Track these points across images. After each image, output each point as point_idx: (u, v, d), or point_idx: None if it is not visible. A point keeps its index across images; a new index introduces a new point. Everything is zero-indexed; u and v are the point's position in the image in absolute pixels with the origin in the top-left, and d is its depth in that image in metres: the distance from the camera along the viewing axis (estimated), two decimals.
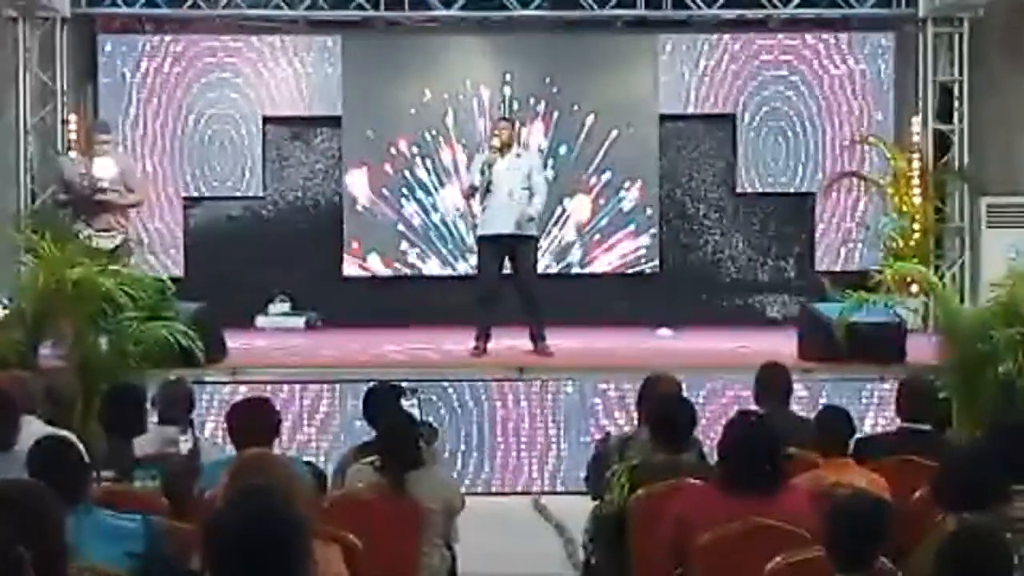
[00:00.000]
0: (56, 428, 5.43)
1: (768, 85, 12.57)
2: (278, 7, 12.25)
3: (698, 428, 5.75)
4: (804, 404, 7.91)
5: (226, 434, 5.71)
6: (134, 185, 10.25)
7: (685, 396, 6.28)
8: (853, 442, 5.76)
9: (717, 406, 8.54)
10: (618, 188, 12.65)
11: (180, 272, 11.95)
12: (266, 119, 12.63)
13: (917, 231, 11.89)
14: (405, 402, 6.52)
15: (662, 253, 12.74)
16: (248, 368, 9.35)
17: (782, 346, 9.58)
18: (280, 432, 5.64)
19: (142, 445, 5.72)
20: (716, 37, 12.56)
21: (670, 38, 12.61)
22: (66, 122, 11.79)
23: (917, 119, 12.13)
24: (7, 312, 8.50)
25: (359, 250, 12.62)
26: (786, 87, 12.58)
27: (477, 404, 9.05)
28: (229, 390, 8.77)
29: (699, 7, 12.13)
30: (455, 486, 6.11)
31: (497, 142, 9.82)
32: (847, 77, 12.55)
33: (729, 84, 12.57)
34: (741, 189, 12.72)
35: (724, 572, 4.48)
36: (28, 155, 11.69)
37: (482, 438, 9.01)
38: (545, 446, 9.02)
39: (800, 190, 12.68)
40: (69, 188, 10.02)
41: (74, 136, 11.69)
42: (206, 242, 12.54)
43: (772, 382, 6.67)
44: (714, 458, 5.06)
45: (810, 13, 12.36)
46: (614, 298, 12.58)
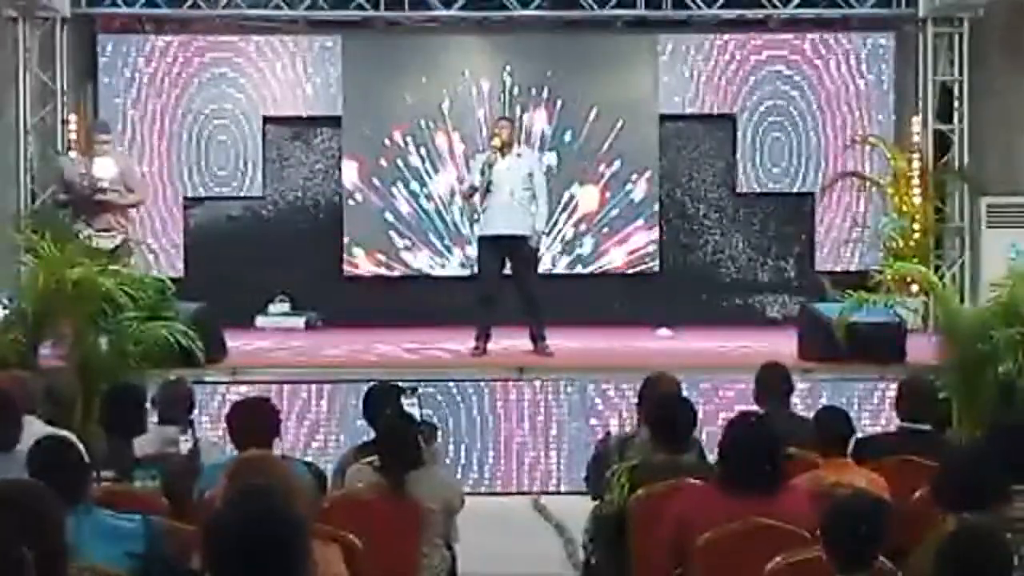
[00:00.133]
0: (56, 428, 5.43)
1: (768, 85, 12.57)
2: (278, 7, 12.25)
3: (698, 428, 5.75)
4: (804, 404, 7.92)
5: (226, 434, 5.71)
6: (134, 185, 10.25)
7: (685, 396, 6.28)
8: (853, 442, 5.75)
9: (716, 405, 8.54)
10: (624, 181, 12.64)
11: (180, 272, 11.95)
12: (266, 119, 12.63)
13: (917, 231, 11.88)
14: (406, 401, 6.51)
15: (662, 253, 12.74)
16: (248, 368, 9.35)
17: (782, 346, 9.59)
18: (280, 432, 5.63)
19: (142, 445, 5.73)
20: (716, 37, 12.57)
21: (670, 38, 12.61)
22: (66, 122, 11.79)
23: (917, 119, 12.13)
24: (7, 312, 8.49)
25: (347, 246, 12.61)
26: (786, 87, 12.58)
27: (477, 404, 9.04)
28: (230, 390, 8.76)
29: (699, 7, 12.13)
30: (455, 485, 6.10)
31: (497, 142, 9.81)
32: (847, 77, 12.55)
33: (729, 84, 12.57)
34: (741, 189, 12.73)
35: (724, 572, 4.48)
36: (28, 155, 11.68)
37: (482, 438, 9.00)
38: (545, 446, 9.02)
39: (800, 190, 12.68)
40: (69, 188, 10.02)
41: (74, 136, 11.69)
42: (206, 242, 12.54)
43: (772, 382, 6.68)
44: (714, 458, 5.06)
45: (810, 13, 12.35)
46: (614, 298, 12.59)
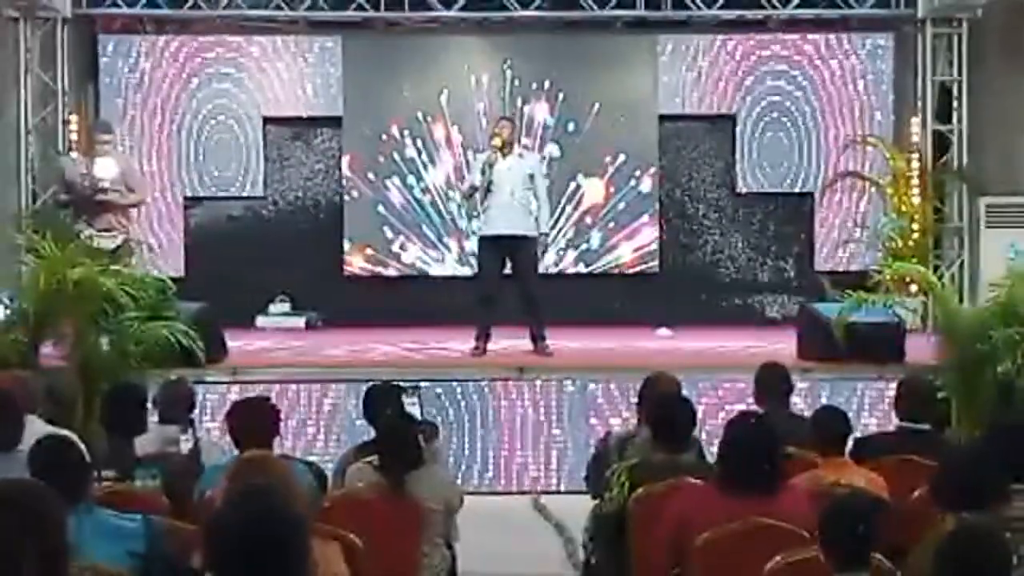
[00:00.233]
0: (57, 427, 5.44)
1: (768, 85, 12.58)
2: (279, 8, 12.26)
3: (697, 427, 5.76)
4: (803, 404, 7.93)
5: (224, 434, 5.72)
6: (135, 185, 10.25)
7: (685, 396, 6.29)
8: (852, 442, 5.76)
9: (715, 404, 8.56)
10: (629, 177, 12.65)
11: (181, 272, 11.95)
12: (267, 119, 12.64)
13: (916, 231, 11.90)
14: (407, 399, 6.52)
15: (662, 253, 12.75)
16: (248, 368, 9.35)
17: (781, 346, 9.60)
18: (280, 432, 5.64)
19: (143, 445, 5.74)
20: (716, 38, 12.58)
21: (670, 39, 12.62)
22: (67, 122, 11.80)
23: (916, 119, 12.14)
24: (9, 312, 8.50)
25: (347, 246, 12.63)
26: (786, 87, 12.59)
27: (477, 404, 9.05)
28: (230, 390, 8.77)
29: (699, 8, 12.14)
30: (455, 485, 6.12)
31: (498, 141, 9.81)
32: (846, 77, 12.56)
33: (729, 85, 12.58)
34: (741, 189, 12.74)
35: (723, 571, 4.49)
36: (29, 155, 11.70)
37: (482, 438, 9.01)
38: (545, 446, 9.03)
39: (799, 190, 12.69)
40: (70, 188, 10.03)
41: (75, 136, 11.70)
42: (207, 242, 12.55)
43: (771, 382, 6.68)
44: (713, 458, 5.07)
45: (809, 14, 12.37)
46: (614, 298, 12.60)
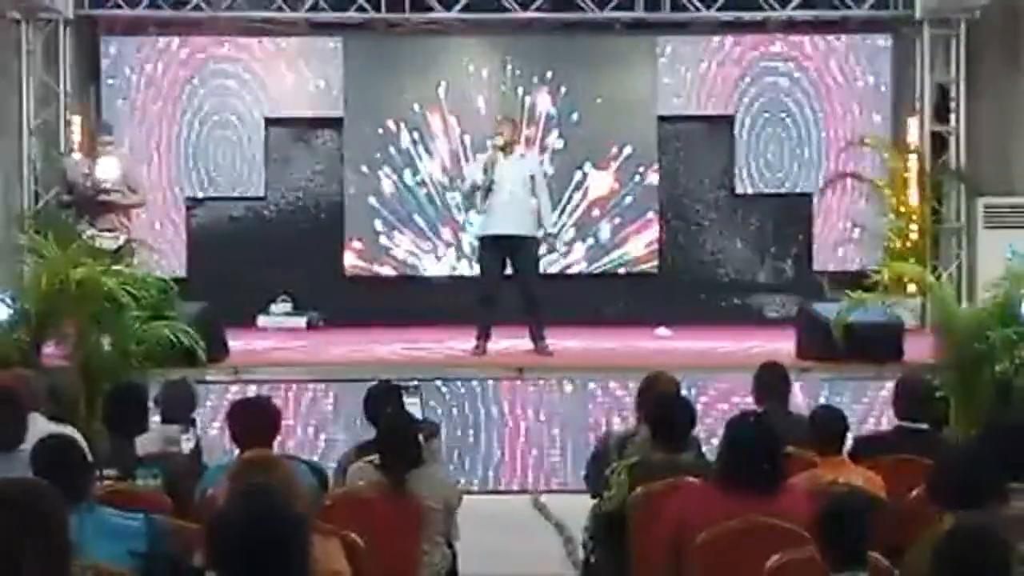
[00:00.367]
0: (60, 424, 5.47)
1: (766, 86, 12.60)
2: (280, 9, 12.27)
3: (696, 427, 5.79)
4: (802, 403, 7.95)
5: (224, 434, 5.74)
6: (136, 186, 10.28)
7: (684, 395, 6.31)
8: (851, 441, 5.78)
9: (714, 403, 8.58)
10: (633, 173, 12.66)
11: (182, 272, 11.96)
12: (268, 120, 12.65)
13: (914, 231, 11.91)
14: (408, 398, 6.53)
15: (661, 253, 12.77)
16: (250, 368, 9.36)
17: (780, 346, 9.61)
18: (281, 431, 5.66)
19: (144, 444, 5.75)
20: (715, 39, 12.60)
21: (669, 40, 12.64)
22: (69, 123, 11.81)
23: (914, 120, 12.15)
24: (11, 312, 8.52)
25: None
26: (784, 88, 12.60)
27: (477, 404, 9.07)
28: (231, 389, 8.79)
29: (697, 9, 12.15)
30: (453, 483, 6.14)
31: (500, 141, 9.82)
32: (845, 78, 12.57)
33: (727, 86, 12.60)
34: (739, 190, 12.75)
35: (723, 570, 4.50)
36: (31, 156, 11.70)
37: (482, 437, 9.03)
38: (545, 446, 9.04)
39: (798, 191, 12.70)
40: (72, 189, 10.06)
41: (77, 137, 11.71)
42: (208, 242, 12.56)
43: (770, 382, 6.69)
44: (713, 457, 5.09)
45: (808, 15, 12.37)
46: (614, 298, 12.61)
